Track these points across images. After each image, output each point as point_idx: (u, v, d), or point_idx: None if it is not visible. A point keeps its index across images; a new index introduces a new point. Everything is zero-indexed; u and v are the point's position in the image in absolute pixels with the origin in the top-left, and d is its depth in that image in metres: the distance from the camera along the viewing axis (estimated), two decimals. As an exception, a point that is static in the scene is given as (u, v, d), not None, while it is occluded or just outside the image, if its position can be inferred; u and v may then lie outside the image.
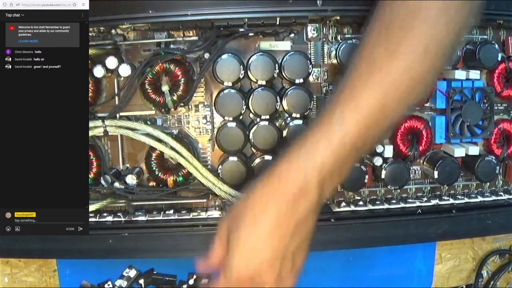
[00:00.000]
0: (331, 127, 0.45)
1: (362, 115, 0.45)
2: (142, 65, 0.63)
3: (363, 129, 0.45)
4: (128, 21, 0.60)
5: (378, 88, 0.45)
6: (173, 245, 0.66)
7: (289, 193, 0.46)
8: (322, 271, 0.83)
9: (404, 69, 0.45)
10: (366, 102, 0.45)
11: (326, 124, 0.46)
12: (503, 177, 0.74)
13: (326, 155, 0.45)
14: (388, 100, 0.45)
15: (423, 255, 0.85)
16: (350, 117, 0.45)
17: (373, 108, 0.45)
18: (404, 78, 0.45)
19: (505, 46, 0.70)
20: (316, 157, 0.45)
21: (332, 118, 0.45)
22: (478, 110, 0.67)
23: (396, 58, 0.45)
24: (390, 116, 0.46)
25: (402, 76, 0.45)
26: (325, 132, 0.45)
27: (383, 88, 0.45)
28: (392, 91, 0.45)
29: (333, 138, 0.45)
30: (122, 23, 0.61)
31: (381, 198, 0.72)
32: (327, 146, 0.45)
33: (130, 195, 0.66)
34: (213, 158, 0.70)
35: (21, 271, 0.79)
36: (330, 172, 0.46)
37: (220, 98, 0.64)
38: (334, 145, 0.45)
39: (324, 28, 0.68)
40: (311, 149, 0.45)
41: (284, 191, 0.46)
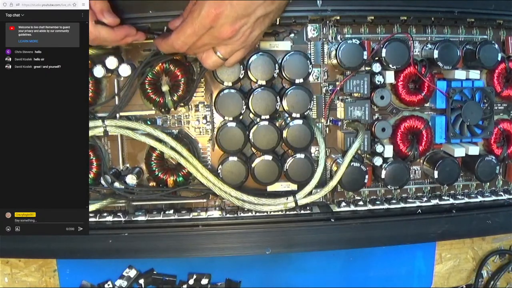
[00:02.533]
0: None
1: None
2: (142, 65, 0.63)
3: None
4: (128, 21, 0.60)
5: None
6: (173, 245, 0.66)
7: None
8: (322, 271, 0.83)
9: None
10: None
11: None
12: (503, 177, 0.74)
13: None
14: None
15: (423, 255, 0.85)
16: None
17: None
18: None
19: (505, 46, 0.70)
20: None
21: None
22: (478, 110, 0.67)
23: None
24: None
25: None
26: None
27: None
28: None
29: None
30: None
31: (381, 198, 0.72)
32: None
33: (130, 195, 0.66)
34: (213, 158, 0.70)
35: (21, 271, 0.79)
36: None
37: (220, 98, 0.64)
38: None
39: (324, 28, 0.68)
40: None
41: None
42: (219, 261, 0.80)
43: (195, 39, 0.53)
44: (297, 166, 0.65)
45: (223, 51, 0.55)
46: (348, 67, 0.64)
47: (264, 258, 0.78)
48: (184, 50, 0.56)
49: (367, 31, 0.68)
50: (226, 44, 0.54)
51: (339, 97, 0.69)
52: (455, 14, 0.66)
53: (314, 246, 0.68)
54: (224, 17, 0.51)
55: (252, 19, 0.53)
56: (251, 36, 0.55)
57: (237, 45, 0.55)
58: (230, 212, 0.69)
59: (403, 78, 0.67)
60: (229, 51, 0.56)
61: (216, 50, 0.55)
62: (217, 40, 0.53)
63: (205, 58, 0.57)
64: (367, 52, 0.64)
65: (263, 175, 0.66)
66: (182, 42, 0.54)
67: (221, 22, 0.51)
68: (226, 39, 0.53)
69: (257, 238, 0.67)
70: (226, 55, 0.56)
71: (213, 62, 0.57)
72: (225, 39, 0.53)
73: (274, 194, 0.68)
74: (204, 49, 0.56)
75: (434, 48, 0.65)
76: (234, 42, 0.54)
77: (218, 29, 0.52)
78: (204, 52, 0.56)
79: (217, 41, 0.54)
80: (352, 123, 0.68)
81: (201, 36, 0.53)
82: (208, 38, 0.53)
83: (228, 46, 0.55)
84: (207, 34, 0.53)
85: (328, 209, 0.70)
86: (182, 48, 0.55)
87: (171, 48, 0.56)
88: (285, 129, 0.65)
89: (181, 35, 0.53)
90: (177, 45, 0.55)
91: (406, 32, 0.68)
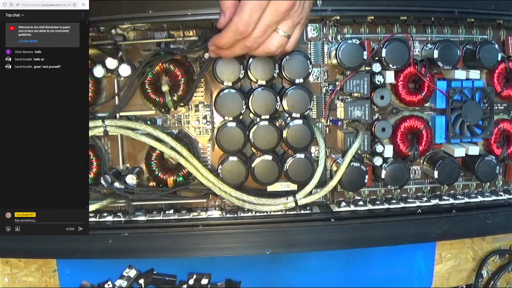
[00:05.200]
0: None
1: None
2: (142, 65, 0.63)
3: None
4: (128, 21, 0.60)
5: None
6: (173, 245, 0.66)
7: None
8: (322, 271, 0.83)
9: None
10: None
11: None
12: (503, 177, 0.74)
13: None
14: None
15: (423, 255, 0.85)
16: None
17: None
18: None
19: (505, 46, 0.71)
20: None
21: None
22: (478, 110, 0.67)
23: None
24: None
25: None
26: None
27: None
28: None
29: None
30: (122, 23, 0.61)
31: (381, 198, 0.72)
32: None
33: (130, 195, 0.66)
34: (213, 158, 0.70)
35: (21, 271, 0.79)
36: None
37: (220, 98, 0.64)
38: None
39: (324, 28, 0.68)
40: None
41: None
42: (219, 261, 0.81)
43: (258, 15, 0.51)
44: (297, 166, 0.65)
45: (285, 27, 0.53)
46: (348, 67, 0.64)
47: (264, 258, 0.78)
48: (248, 33, 0.52)
49: (367, 31, 0.68)
50: (286, 18, 0.53)
51: (339, 97, 0.69)
52: (455, 14, 0.66)
53: (314, 246, 0.68)
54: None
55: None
56: (305, 5, 0.54)
57: (295, 18, 0.54)
58: (230, 212, 0.69)
59: (403, 78, 0.67)
60: (291, 25, 0.54)
61: (278, 29, 0.54)
62: (277, 14, 0.52)
63: (269, 41, 0.54)
64: (367, 52, 0.64)
65: (263, 175, 0.66)
66: (246, 21, 0.51)
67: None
68: (287, 12, 0.52)
69: (257, 238, 0.67)
70: (289, 30, 0.54)
71: (278, 42, 0.54)
72: (286, 11, 0.52)
73: (274, 194, 0.68)
74: (267, 31, 0.53)
75: (434, 48, 0.65)
76: (293, 14, 0.53)
77: (277, 1, 0.50)
78: (268, 37, 0.54)
79: (278, 16, 0.52)
80: (352, 123, 0.68)
81: (263, 12, 0.51)
82: (270, 14, 0.51)
83: (288, 20, 0.53)
84: (268, 10, 0.51)
85: (328, 209, 0.70)
86: (247, 29, 0.52)
87: (235, 34, 0.53)
88: (285, 129, 0.65)
89: (242, 14, 0.50)
90: (242, 26, 0.51)
91: (406, 32, 0.68)
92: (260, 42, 0.54)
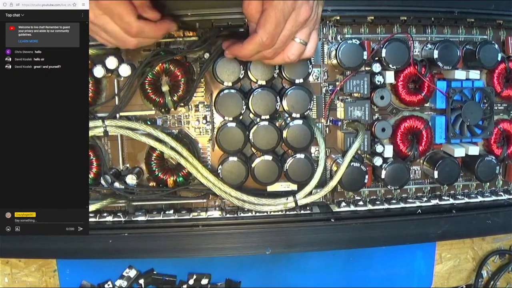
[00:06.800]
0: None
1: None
2: (142, 65, 0.63)
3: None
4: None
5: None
6: (173, 245, 0.66)
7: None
8: (322, 271, 0.83)
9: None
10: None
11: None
12: (503, 177, 0.74)
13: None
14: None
15: (423, 255, 0.85)
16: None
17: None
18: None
19: (505, 46, 0.70)
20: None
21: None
22: (478, 110, 0.67)
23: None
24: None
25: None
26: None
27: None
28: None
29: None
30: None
31: (381, 198, 0.72)
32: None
33: (130, 195, 0.66)
34: (213, 158, 0.70)
35: (21, 271, 0.79)
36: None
37: (220, 98, 0.64)
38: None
39: (324, 28, 0.68)
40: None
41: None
42: (219, 261, 0.81)
43: (282, 27, 0.51)
44: (297, 166, 0.65)
45: (303, 35, 0.54)
46: (348, 67, 0.64)
47: (264, 258, 0.78)
48: (273, 44, 0.53)
49: (367, 31, 0.68)
50: (304, 27, 0.53)
51: (339, 97, 0.69)
52: (455, 14, 0.66)
53: (314, 246, 0.68)
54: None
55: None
56: (319, 13, 0.54)
57: (311, 25, 0.54)
58: (230, 212, 0.69)
59: (403, 78, 0.67)
60: (308, 33, 0.54)
61: (295, 37, 0.54)
62: (297, 24, 0.52)
63: (289, 50, 0.54)
64: (367, 52, 0.64)
65: (263, 175, 0.66)
66: (270, 34, 0.51)
67: (300, 2, 0.50)
68: (305, 21, 0.52)
69: (257, 238, 0.67)
70: (306, 38, 0.54)
71: (298, 50, 0.54)
72: (305, 20, 0.52)
73: (274, 194, 0.68)
74: (287, 41, 0.53)
75: (434, 48, 0.65)
76: (309, 22, 0.53)
77: (298, 11, 0.51)
78: (286, 46, 0.54)
79: (298, 26, 0.52)
80: (352, 123, 0.68)
81: (285, 23, 0.51)
82: (290, 25, 0.52)
83: (306, 29, 0.54)
84: (290, 20, 0.51)
85: (328, 209, 0.70)
86: (271, 42, 0.52)
87: (259, 47, 0.53)
88: (285, 129, 0.65)
89: (268, 27, 0.51)
90: (267, 40, 0.51)
91: (406, 32, 0.68)
92: (278, 52, 0.54)
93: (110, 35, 0.53)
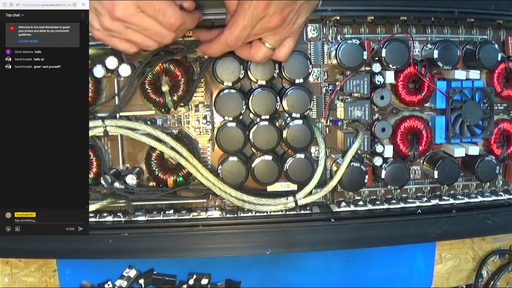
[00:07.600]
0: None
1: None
2: (142, 65, 0.63)
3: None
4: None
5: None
6: (173, 245, 0.66)
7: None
8: (322, 271, 0.83)
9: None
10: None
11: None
12: (503, 177, 0.74)
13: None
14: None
15: (423, 255, 0.85)
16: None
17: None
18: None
19: (505, 46, 0.70)
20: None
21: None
22: (478, 110, 0.67)
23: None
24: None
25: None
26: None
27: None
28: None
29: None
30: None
31: (381, 198, 0.72)
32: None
33: (130, 195, 0.66)
34: (213, 158, 0.70)
35: (21, 271, 0.79)
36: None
37: (220, 98, 0.64)
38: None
39: (324, 28, 0.68)
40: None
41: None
42: (219, 261, 0.81)
43: (248, 32, 0.52)
44: (297, 166, 0.65)
45: (272, 40, 0.55)
46: (348, 67, 0.64)
47: (264, 258, 0.78)
48: (238, 46, 0.55)
49: (367, 31, 0.68)
50: (274, 33, 0.54)
51: (339, 97, 0.69)
52: (455, 14, 0.66)
53: (314, 246, 0.68)
54: (274, 5, 0.50)
55: (298, 5, 0.53)
56: (297, 22, 0.55)
57: (284, 33, 0.55)
58: (230, 212, 0.69)
59: (403, 78, 0.67)
60: (278, 39, 0.55)
61: (265, 41, 0.55)
62: (266, 30, 0.53)
63: (255, 52, 0.56)
64: (367, 52, 0.64)
65: (263, 175, 0.66)
66: (236, 37, 0.53)
67: (271, 11, 0.51)
68: (275, 28, 0.53)
69: (257, 238, 0.67)
70: (275, 44, 0.56)
71: (264, 54, 0.56)
72: (274, 28, 0.53)
73: (274, 194, 0.68)
74: (252, 42, 0.55)
75: (434, 48, 0.65)
76: (281, 31, 0.54)
77: (268, 18, 0.51)
78: (252, 47, 0.56)
79: (266, 31, 0.53)
80: (352, 123, 0.68)
81: (252, 29, 0.52)
82: (258, 29, 0.53)
83: (276, 35, 0.55)
84: (258, 25, 0.52)
85: (328, 209, 0.70)
86: (236, 44, 0.54)
87: (224, 47, 0.55)
88: (285, 129, 0.65)
89: (234, 29, 0.52)
90: (231, 42, 0.54)
91: (406, 32, 0.68)
92: (243, 48, 0.56)
93: (147, 33, 0.52)
